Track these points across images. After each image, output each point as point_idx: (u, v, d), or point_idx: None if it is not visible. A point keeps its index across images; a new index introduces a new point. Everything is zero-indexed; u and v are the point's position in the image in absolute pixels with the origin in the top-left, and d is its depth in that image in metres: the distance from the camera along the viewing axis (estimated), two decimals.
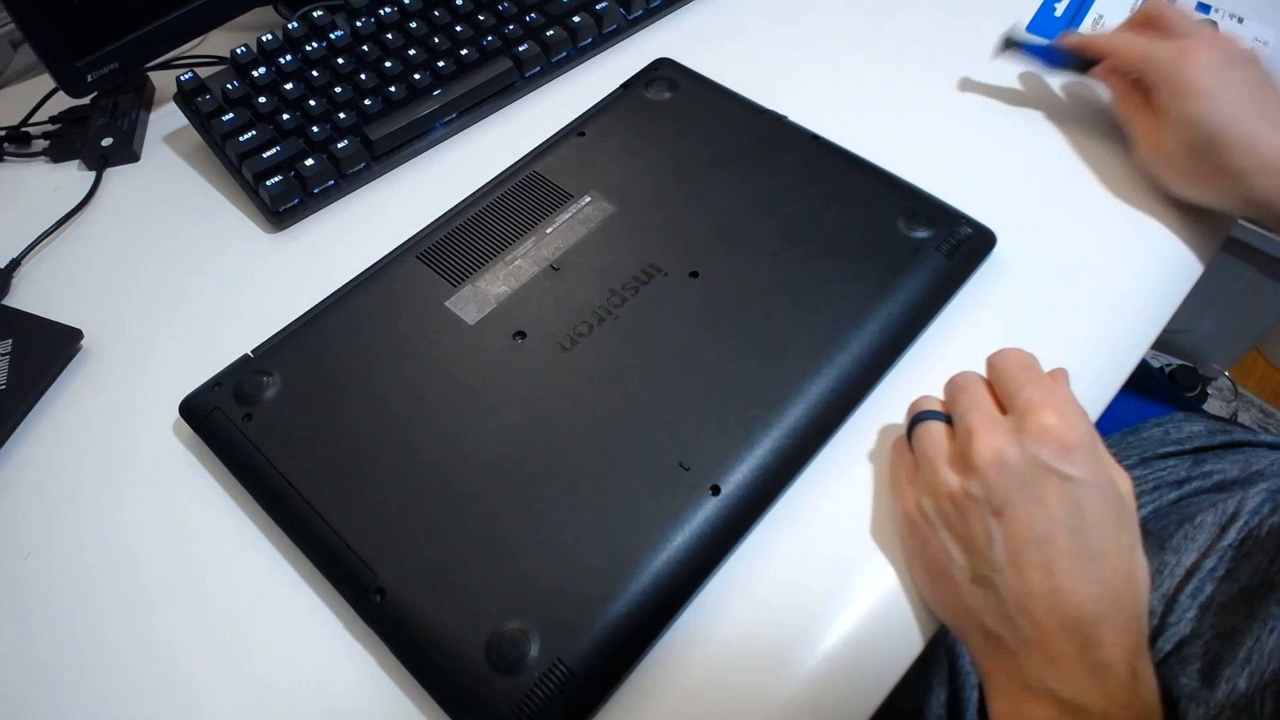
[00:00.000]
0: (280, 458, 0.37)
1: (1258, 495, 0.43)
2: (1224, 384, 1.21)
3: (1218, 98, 0.41)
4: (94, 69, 0.51)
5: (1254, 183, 0.40)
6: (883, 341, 0.39)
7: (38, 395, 0.43)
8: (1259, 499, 0.43)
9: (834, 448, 0.38)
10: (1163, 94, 0.43)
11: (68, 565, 0.38)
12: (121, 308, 0.47)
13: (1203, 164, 0.42)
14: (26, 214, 0.51)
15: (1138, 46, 0.44)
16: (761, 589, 0.35)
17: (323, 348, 0.41)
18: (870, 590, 0.35)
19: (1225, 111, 0.40)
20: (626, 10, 0.58)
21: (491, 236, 0.44)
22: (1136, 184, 0.48)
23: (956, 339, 0.42)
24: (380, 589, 0.33)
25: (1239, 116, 0.40)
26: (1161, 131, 0.43)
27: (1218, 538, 0.42)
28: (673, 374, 0.38)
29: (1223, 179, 0.41)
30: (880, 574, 0.35)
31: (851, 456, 0.38)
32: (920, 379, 0.40)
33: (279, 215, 0.49)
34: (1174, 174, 0.44)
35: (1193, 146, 0.42)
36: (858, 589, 0.35)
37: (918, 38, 0.57)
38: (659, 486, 0.35)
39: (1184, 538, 0.43)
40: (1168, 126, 0.43)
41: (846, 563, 0.36)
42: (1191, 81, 0.41)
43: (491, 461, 0.36)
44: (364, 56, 0.54)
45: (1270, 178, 0.40)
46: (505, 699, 0.30)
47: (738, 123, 0.49)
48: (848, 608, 0.35)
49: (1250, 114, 0.40)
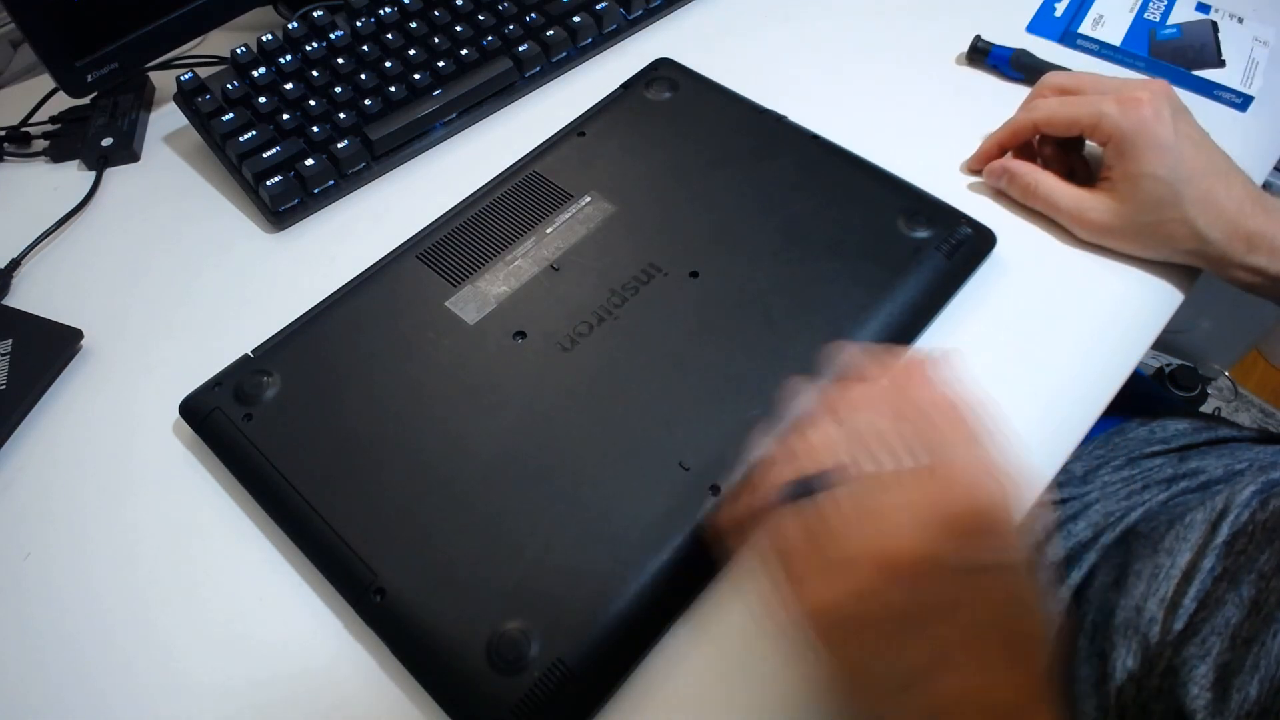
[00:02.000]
0: (280, 458, 0.37)
1: (1245, 490, 0.43)
2: (1224, 384, 1.21)
3: (1179, 150, 0.39)
4: (94, 69, 0.51)
5: (1212, 237, 0.40)
6: (882, 341, 0.39)
7: (38, 395, 0.43)
8: (1247, 493, 0.43)
9: None
10: (1116, 152, 0.41)
11: (68, 565, 0.38)
12: (121, 308, 0.47)
13: (1160, 219, 0.40)
14: (26, 214, 0.51)
15: (1079, 106, 0.42)
16: (763, 588, 0.35)
17: (323, 348, 0.41)
18: None
19: (1186, 164, 0.39)
20: (626, 10, 0.58)
21: (491, 236, 0.44)
22: None
23: (956, 339, 0.42)
24: (380, 589, 0.33)
25: (1196, 170, 0.39)
26: (1107, 195, 0.42)
27: (1210, 535, 0.42)
28: (673, 374, 0.38)
29: (1179, 233, 0.40)
30: None
31: None
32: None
33: (279, 215, 0.49)
34: (1127, 237, 0.42)
35: (1151, 204, 0.40)
36: None
37: (918, 38, 0.57)
38: (659, 486, 0.35)
39: (1176, 538, 0.43)
40: (1119, 186, 0.41)
41: None
42: (1152, 136, 0.39)
43: (492, 461, 0.36)
44: (364, 56, 0.54)
45: (1224, 231, 0.40)
46: (505, 699, 0.30)
47: (737, 123, 0.49)
48: None
49: (1201, 167, 0.40)
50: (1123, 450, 0.53)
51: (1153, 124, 0.39)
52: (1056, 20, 0.57)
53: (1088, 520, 0.48)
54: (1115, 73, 0.53)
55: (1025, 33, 0.57)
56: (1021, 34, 0.56)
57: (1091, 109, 0.41)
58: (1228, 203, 0.39)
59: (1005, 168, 0.44)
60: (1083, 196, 0.42)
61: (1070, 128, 0.42)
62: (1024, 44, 0.54)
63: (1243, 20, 0.56)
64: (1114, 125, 0.40)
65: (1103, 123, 0.40)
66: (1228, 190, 0.40)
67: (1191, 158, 0.39)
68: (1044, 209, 0.44)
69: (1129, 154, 0.40)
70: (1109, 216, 0.42)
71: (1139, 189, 0.40)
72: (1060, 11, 0.58)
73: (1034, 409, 0.40)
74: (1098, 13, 0.57)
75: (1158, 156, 0.39)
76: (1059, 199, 0.43)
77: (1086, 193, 0.43)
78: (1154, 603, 0.41)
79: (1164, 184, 0.39)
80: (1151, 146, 0.39)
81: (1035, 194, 0.44)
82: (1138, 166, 0.40)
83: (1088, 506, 0.49)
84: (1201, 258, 0.41)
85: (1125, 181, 0.40)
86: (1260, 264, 0.40)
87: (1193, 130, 0.41)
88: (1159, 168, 0.39)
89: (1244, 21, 0.56)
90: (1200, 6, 0.57)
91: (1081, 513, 0.48)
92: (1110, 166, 0.41)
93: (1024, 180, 0.44)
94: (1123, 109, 0.40)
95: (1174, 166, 0.39)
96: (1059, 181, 0.43)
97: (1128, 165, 0.40)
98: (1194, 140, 0.40)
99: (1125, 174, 0.40)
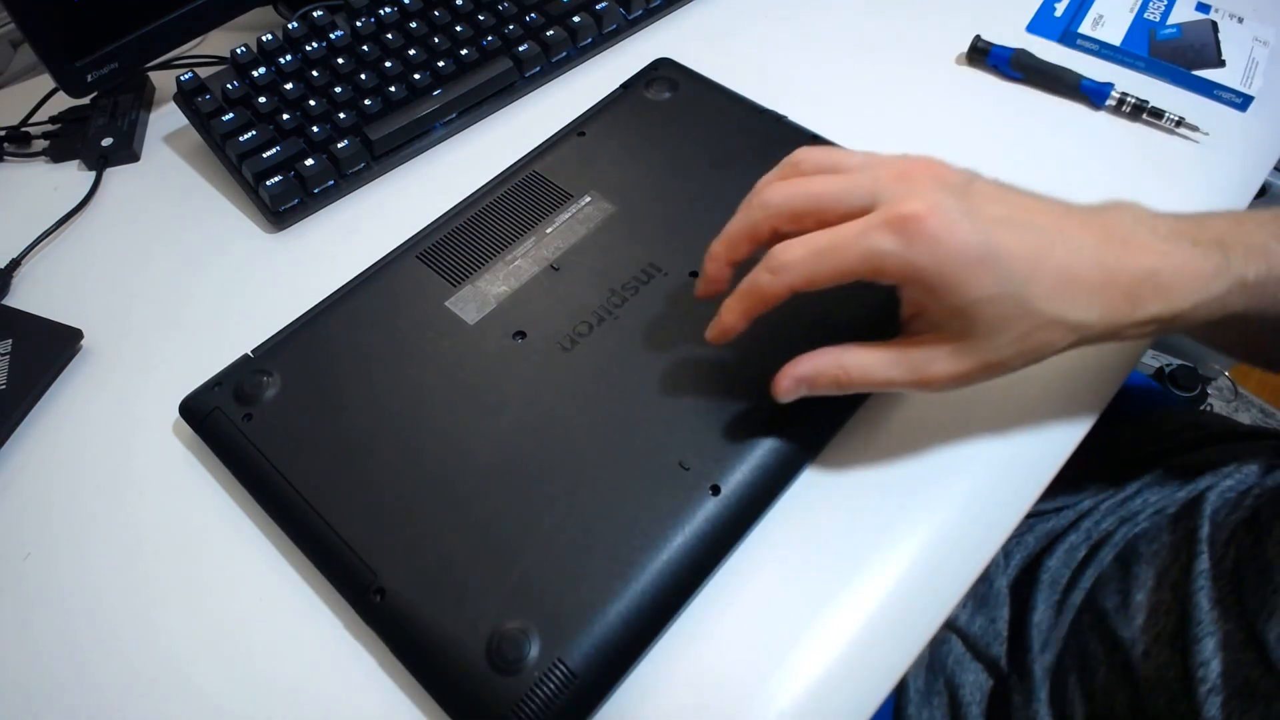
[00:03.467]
0: (280, 458, 0.37)
1: (1216, 497, 0.43)
2: (1224, 384, 1.21)
3: (995, 246, 0.29)
4: (94, 69, 0.51)
5: (1090, 319, 0.31)
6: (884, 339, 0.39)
7: (38, 395, 0.43)
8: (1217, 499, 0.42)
9: (835, 447, 0.38)
10: (923, 291, 0.30)
11: (68, 565, 0.38)
12: (121, 308, 0.47)
13: (1018, 335, 0.30)
14: (26, 214, 0.51)
15: (841, 256, 0.30)
16: (763, 589, 0.35)
17: (323, 348, 0.41)
18: (872, 590, 0.35)
19: (1013, 258, 0.29)
20: (626, 10, 0.58)
21: (491, 236, 0.44)
22: (1137, 184, 0.48)
23: None
24: (380, 589, 0.33)
25: (1027, 255, 0.29)
26: (939, 341, 0.31)
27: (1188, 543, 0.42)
28: (673, 374, 0.38)
29: (1050, 337, 0.31)
30: (881, 574, 0.35)
31: (855, 456, 0.38)
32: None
33: (279, 215, 0.49)
34: (989, 371, 0.32)
35: (998, 327, 0.30)
36: (859, 588, 0.35)
37: (918, 38, 0.57)
38: (659, 486, 0.35)
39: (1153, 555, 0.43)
40: (948, 325, 0.31)
41: (848, 562, 0.36)
42: (956, 255, 0.29)
43: (491, 461, 0.36)
44: (364, 56, 0.54)
45: (1100, 304, 0.30)
46: (505, 699, 0.30)
47: (737, 123, 0.49)
48: (850, 606, 0.35)
49: (1030, 248, 0.30)
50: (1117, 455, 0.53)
51: (952, 239, 0.28)
52: (1056, 20, 0.57)
53: (1082, 533, 0.47)
54: (1115, 72, 0.53)
55: (1025, 33, 0.57)
56: (1021, 34, 0.56)
57: (860, 252, 0.29)
58: (1087, 269, 0.30)
59: (797, 377, 0.33)
60: (910, 354, 0.32)
61: (841, 279, 0.30)
62: (1024, 44, 0.54)
63: (1243, 20, 0.56)
64: (901, 264, 0.29)
65: (886, 264, 0.29)
66: (1076, 253, 0.30)
67: (1016, 245, 0.29)
68: (871, 389, 0.33)
69: (940, 289, 0.29)
70: (956, 364, 0.31)
71: (975, 321, 0.30)
72: (1060, 11, 0.58)
73: (1035, 407, 0.40)
74: (1098, 13, 0.57)
75: (980, 274, 0.29)
76: (887, 373, 0.32)
77: (911, 345, 0.32)
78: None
79: (1004, 300, 0.29)
80: (965, 266, 0.29)
81: (852, 381, 0.32)
82: (960, 297, 0.29)
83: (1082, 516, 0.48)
84: (1086, 341, 0.31)
85: (953, 319, 0.30)
86: (1154, 313, 0.31)
87: (990, 199, 0.31)
88: (987, 285, 0.29)
89: (1244, 21, 0.56)
90: (1200, 6, 0.57)
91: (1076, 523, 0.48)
92: (921, 304, 0.31)
93: (829, 375, 0.33)
94: (903, 238, 0.29)
95: (1005, 273, 0.29)
96: (868, 352, 0.32)
97: (947, 299, 0.29)
98: (1002, 216, 0.30)
99: (948, 312, 0.30)
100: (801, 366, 0.33)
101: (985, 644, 0.46)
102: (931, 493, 0.37)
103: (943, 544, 0.36)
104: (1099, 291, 0.30)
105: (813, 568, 0.35)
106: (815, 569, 0.35)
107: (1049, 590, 0.46)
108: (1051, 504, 0.50)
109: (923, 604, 0.35)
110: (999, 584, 0.48)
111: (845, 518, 0.37)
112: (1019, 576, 0.48)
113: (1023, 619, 0.45)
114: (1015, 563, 0.49)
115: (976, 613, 0.47)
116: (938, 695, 0.46)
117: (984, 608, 0.47)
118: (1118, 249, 0.31)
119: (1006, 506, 0.38)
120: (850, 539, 0.36)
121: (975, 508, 0.37)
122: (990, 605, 0.47)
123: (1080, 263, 0.30)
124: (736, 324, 0.34)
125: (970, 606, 0.47)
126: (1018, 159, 0.50)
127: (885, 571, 0.35)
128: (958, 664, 0.46)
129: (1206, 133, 0.50)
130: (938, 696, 0.46)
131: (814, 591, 0.35)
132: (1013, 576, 0.48)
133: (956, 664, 0.46)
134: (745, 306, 0.33)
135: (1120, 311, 0.31)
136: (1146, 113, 0.50)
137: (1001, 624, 0.46)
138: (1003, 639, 0.46)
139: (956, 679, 0.46)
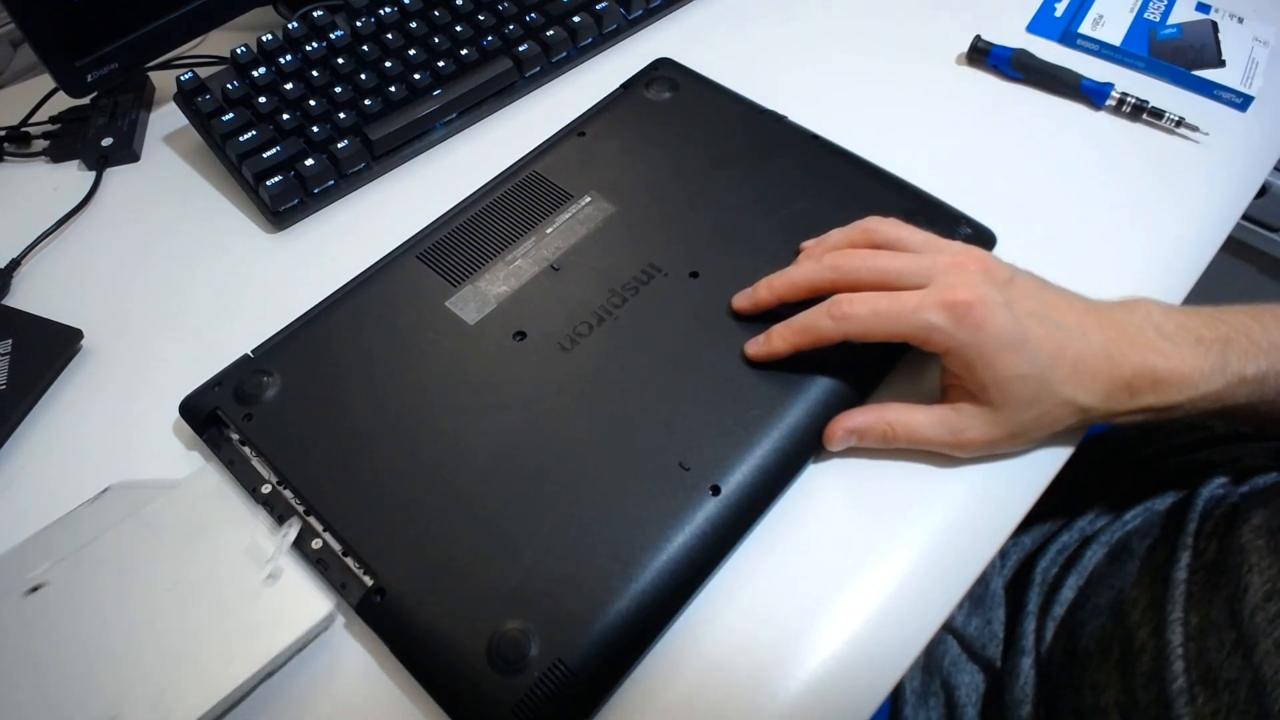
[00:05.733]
0: (280, 458, 0.37)
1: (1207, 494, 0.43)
2: None
3: (1027, 336, 0.34)
4: (94, 69, 0.51)
5: (1093, 404, 0.36)
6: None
7: (38, 395, 0.43)
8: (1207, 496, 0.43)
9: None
10: (962, 364, 0.35)
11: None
12: (121, 308, 0.47)
13: (1039, 412, 0.36)
14: (26, 214, 0.51)
15: (898, 321, 0.35)
16: (763, 589, 0.35)
17: (323, 348, 0.41)
18: (871, 591, 0.35)
19: (1041, 348, 0.35)
20: (626, 10, 0.58)
21: (491, 236, 0.44)
22: (1136, 184, 0.48)
23: None
24: (380, 589, 0.33)
25: (1053, 347, 0.35)
26: (975, 406, 0.36)
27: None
28: (673, 374, 0.38)
29: (1060, 414, 0.36)
30: (881, 574, 0.35)
31: (854, 456, 0.38)
32: (926, 377, 0.40)
33: (279, 215, 0.49)
34: (1013, 440, 0.37)
35: (1025, 403, 0.35)
36: (859, 589, 0.35)
37: (917, 38, 0.57)
38: (659, 486, 0.35)
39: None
40: (985, 394, 0.36)
41: (848, 563, 0.36)
42: (996, 339, 0.34)
43: (492, 461, 0.36)
44: (364, 56, 0.54)
45: (1103, 392, 0.35)
46: (505, 699, 0.30)
47: (738, 123, 0.49)
48: (849, 607, 0.35)
49: (1056, 340, 0.35)
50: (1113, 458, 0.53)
51: (993, 325, 0.34)
52: (1056, 20, 0.57)
53: (1075, 532, 0.47)
54: (1115, 72, 0.53)
55: (1025, 33, 0.57)
56: (1021, 34, 0.57)
57: (915, 323, 0.35)
58: (1096, 362, 0.35)
59: (849, 429, 0.37)
60: (949, 418, 0.37)
61: (890, 339, 0.36)
62: (1024, 44, 0.54)
63: (1243, 20, 0.56)
64: (948, 339, 0.34)
65: (934, 337, 0.35)
66: (1089, 347, 0.35)
67: (1044, 337, 0.35)
68: (912, 446, 0.38)
69: (979, 364, 0.35)
70: (989, 430, 0.36)
71: (1007, 394, 0.35)
72: (1060, 11, 0.58)
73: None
74: (1098, 13, 0.57)
75: (1012, 357, 0.34)
76: (927, 433, 0.37)
77: (950, 410, 0.37)
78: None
79: (1030, 380, 0.35)
80: (1001, 349, 0.34)
81: (897, 437, 0.37)
82: (994, 373, 0.35)
83: (1076, 516, 0.48)
84: (1090, 421, 0.37)
85: (989, 390, 0.35)
86: (1149, 403, 0.36)
87: (1026, 295, 0.36)
88: (1018, 366, 0.34)
89: (1244, 21, 0.56)
90: (1200, 6, 0.57)
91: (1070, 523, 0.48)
92: (958, 375, 0.36)
93: (878, 430, 0.37)
94: (952, 318, 0.34)
95: (1032, 358, 0.34)
96: (912, 412, 0.37)
97: (983, 374, 0.35)
98: (1035, 311, 0.35)
99: (985, 383, 0.35)
100: (853, 420, 0.37)
101: (981, 645, 0.46)
102: (931, 495, 0.37)
103: (942, 546, 0.36)
104: (1103, 381, 0.35)
105: (812, 568, 0.36)
106: (815, 569, 0.35)
107: (1040, 589, 0.46)
108: (1049, 505, 0.50)
109: (921, 605, 0.35)
110: (995, 585, 0.48)
111: (845, 519, 0.37)
112: (1014, 577, 0.48)
113: (1016, 619, 0.45)
114: (1011, 564, 0.49)
115: (972, 614, 0.47)
116: (934, 696, 0.46)
117: (980, 609, 0.47)
118: (1125, 346, 0.35)
119: (1006, 508, 0.38)
120: (850, 540, 0.36)
121: (974, 510, 0.37)
122: (986, 606, 0.47)
123: (1091, 356, 0.35)
124: (783, 352, 0.38)
125: (966, 607, 0.48)
126: (1018, 159, 0.50)
127: (884, 573, 0.35)
128: (954, 665, 0.46)
129: (1206, 133, 0.50)
130: (934, 697, 0.46)
131: (814, 592, 0.35)
132: (1008, 577, 0.48)
133: (952, 665, 0.46)
134: (799, 341, 0.37)
135: (1119, 400, 0.35)
136: (1146, 113, 0.51)
137: (997, 625, 0.46)
138: (998, 640, 0.46)
139: (952, 680, 0.46)
